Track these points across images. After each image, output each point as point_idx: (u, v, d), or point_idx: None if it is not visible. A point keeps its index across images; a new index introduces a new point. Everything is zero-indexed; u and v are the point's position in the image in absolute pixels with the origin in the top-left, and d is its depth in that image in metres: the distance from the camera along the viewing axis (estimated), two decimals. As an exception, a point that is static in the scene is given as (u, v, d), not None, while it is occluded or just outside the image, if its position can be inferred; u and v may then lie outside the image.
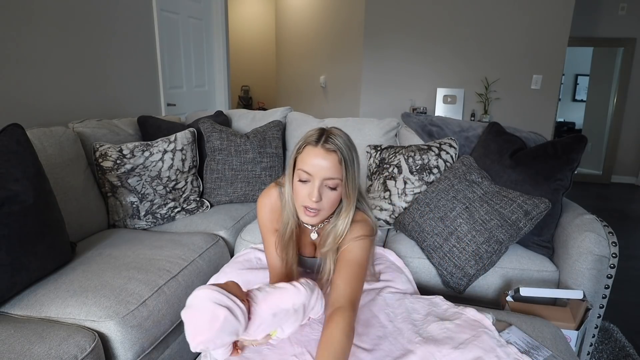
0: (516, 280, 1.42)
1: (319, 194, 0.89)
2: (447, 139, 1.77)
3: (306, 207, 0.92)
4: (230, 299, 0.71)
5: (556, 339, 0.99)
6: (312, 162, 0.89)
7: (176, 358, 1.32)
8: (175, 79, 2.99)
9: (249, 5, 6.34)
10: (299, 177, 0.91)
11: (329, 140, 0.89)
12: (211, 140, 1.93)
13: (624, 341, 1.77)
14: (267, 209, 1.06)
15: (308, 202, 0.90)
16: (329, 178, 0.89)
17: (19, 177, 1.14)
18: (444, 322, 0.98)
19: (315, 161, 0.89)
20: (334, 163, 0.88)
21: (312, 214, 0.92)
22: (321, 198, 0.90)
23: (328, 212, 0.94)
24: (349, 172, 0.90)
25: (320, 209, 0.91)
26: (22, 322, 1.03)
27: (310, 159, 0.89)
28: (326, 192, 0.91)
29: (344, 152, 0.90)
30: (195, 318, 0.70)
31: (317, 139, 0.90)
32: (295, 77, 5.19)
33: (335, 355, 0.78)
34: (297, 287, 0.82)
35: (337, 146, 0.89)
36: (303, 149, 0.92)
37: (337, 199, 0.93)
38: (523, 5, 3.58)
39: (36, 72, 1.81)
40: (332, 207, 0.93)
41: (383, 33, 3.90)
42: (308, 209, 0.91)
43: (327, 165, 0.88)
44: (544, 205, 1.36)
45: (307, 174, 0.89)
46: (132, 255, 1.37)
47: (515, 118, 3.77)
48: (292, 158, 0.95)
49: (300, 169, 0.91)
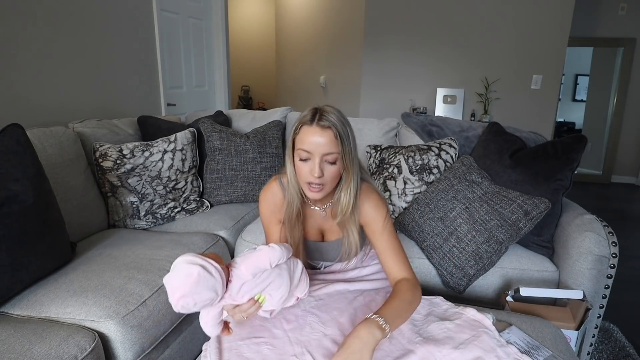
0: (516, 280, 1.42)
1: (320, 170, 0.94)
2: (447, 139, 1.77)
3: (309, 183, 0.97)
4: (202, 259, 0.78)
5: (556, 339, 0.99)
6: (309, 141, 0.94)
7: (176, 358, 1.32)
8: (175, 79, 2.99)
9: (249, 5, 6.34)
10: (299, 157, 0.96)
11: (323, 117, 0.94)
12: (211, 140, 1.93)
13: (624, 341, 1.77)
14: (269, 201, 1.11)
15: (311, 178, 0.95)
16: (327, 153, 0.94)
17: (19, 177, 1.14)
18: (444, 322, 0.98)
19: (312, 139, 0.93)
20: (330, 139, 0.93)
21: (317, 189, 0.97)
22: (323, 173, 0.95)
23: (331, 185, 0.99)
24: (345, 146, 0.95)
25: (323, 183, 0.97)
26: (22, 322, 1.03)
27: (308, 137, 0.94)
28: (327, 167, 0.96)
29: (339, 127, 0.94)
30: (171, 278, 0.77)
31: (311, 118, 0.95)
32: (295, 77, 5.20)
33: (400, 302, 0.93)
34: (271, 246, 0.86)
35: (332, 122, 0.94)
36: (300, 129, 0.97)
37: (337, 173, 0.98)
38: (523, 5, 3.58)
39: (36, 72, 1.81)
40: (333, 180, 0.99)
41: (383, 33, 3.90)
42: (312, 185, 0.97)
43: (324, 142, 0.93)
44: (544, 205, 1.36)
45: (307, 152, 0.94)
46: (132, 255, 1.37)
47: (515, 118, 3.77)
48: (290, 140, 0.99)
49: (300, 149, 0.95)
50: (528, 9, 3.58)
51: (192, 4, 3.11)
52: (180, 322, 1.33)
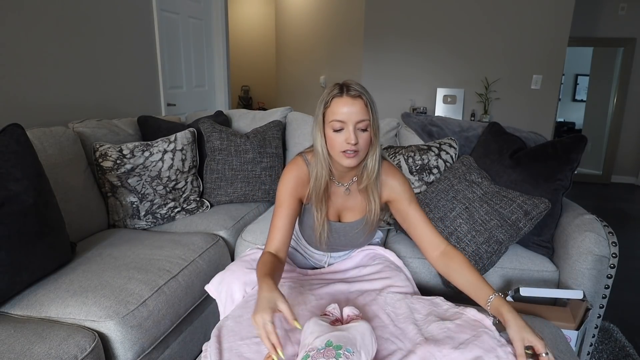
0: (516, 280, 1.42)
1: (356, 137, 0.99)
2: (447, 139, 1.77)
3: (345, 151, 1.00)
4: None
5: (556, 339, 0.99)
6: (342, 111, 0.98)
7: (176, 358, 1.32)
8: (175, 79, 2.99)
9: (249, 5, 6.34)
10: (332, 128, 1.01)
11: (351, 88, 1.00)
12: (211, 140, 1.93)
13: (624, 341, 1.77)
14: (294, 177, 1.11)
15: (347, 146, 0.99)
16: (361, 120, 0.99)
17: (19, 177, 1.14)
18: (445, 322, 0.98)
19: (345, 109, 0.98)
20: (361, 107, 0.99)
21: (352, 155, 1.01)
22: (358, 140, 0.99)
23: (364, 152, 1.04)
24: (373, 112, 1.02)
25: (358, 150, 1.01)
26: (22, 322, 1.03)
27: (340, 108, 0.99)
28: (360, 134, 1.00)
29: (367, 96, 1.00)
30: None
31: (340, 91, 1.00)
32: (295, 77, 5.19)
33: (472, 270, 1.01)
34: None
35: (360, 92, 1.00)
36: (330, 102, 1.01)
37: (369, 139, 1.03)
38: (523, 5, 3.58)
39: (36, 72, 1.81)
40: (366, 147, 1.03)
41: (383, 33, 3.90)
42: (347, 153, 1.00)
43: (357, 110, 0.98)
44: (544, 205, 1.36)
45: (341, 122, 0.99)
46: (132, 255, 1.37)
47: (515, 118, 3.77)
48: (321, 114, 1.03)
49: (333, 120, 1.00)
50: (528, 9, 3.58)
51: (192, 4, 3.11)
52: (180, 322, 1.33)
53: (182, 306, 1.30)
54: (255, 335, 0.93)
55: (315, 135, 1.05)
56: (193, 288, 1.36)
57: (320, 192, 1.09)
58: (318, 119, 1.03)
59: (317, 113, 1.04)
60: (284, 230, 1.08)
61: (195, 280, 1.38)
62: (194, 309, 1.39)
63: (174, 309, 1.26)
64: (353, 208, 1.17)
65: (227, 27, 3.50)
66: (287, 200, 1.10)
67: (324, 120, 1.03)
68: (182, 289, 1.31)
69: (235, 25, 6.23)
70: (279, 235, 1.08)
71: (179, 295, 1.29)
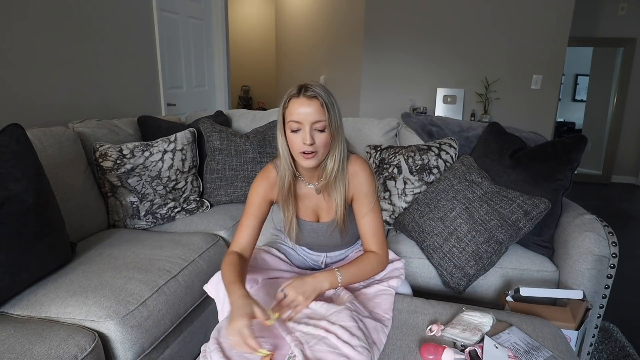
0: (516, 280, 1.42)
1: (311, 137, 1.01)
2: (447, 139, 1.77)
3: (303, 152, 1.02)
4: None
5: (556, 339, 0.99)
6: (298, 111, 1.00)
7: (176, 358, 1.32)
8: (175, 79, 2.99)
9: (249, 5, 6.34)
10: (290, 129, 1.03)
11: (308, 89, 1.01)
12: (211, 140, 1.93)
13: (624, 341, 1.77)
14: (265, 182, 1.15)
15: (303, 147, 1.01)
16: (316, 121, 1.00)
17: (19, 177, 1.14)
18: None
19: (301, 110, 1.00)
20: (317, 107, 1.00)
21: (310, 156, 1.03)
22: (314, 141, 1.01)
23: (323, 153, 1.05)
24: (331, 114, 1.02)
25: (316, 150, 1.03)
26: (22, 322, 1.03)
27: (296, 108, 1.00)
28: (317, 135, 1.02)
29: (324, 96, 1.01)
30: None
31: (297, 91, 1.02)
32: (295, 77, 5.19)
33: (362, 269, 1.10)
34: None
35: (317, 92, 1.00)
36: (288, 102, 1.03)
37: (327, 140, 1.04)
38: (523, 5, 3.58)
39: (36, 72, 1.81)
40: (325, 147, 1.04)
41: (383, 33, 3.90)
42: (305, 154, 1.02)
43: (312, 111, 1.00)
44: (544, 205, 1.36)
45: (297, 122, 1.01)
46: (132, 255, 1.37)
47: (515, 118, 3.77)
48: (280, 115, 1.05)
49: (290, 120, 1.02)
50: (528, 9, 3.58)
51: (192, 4, 3.11)
52: (180, 322, 1.33)
53: (182, 306, 1.30)
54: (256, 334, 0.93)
55: (278, 136, 1.07)
56: (193, 288, 1.36)
57: (285, 190, 1.13)
58: (279, 119, 1.06)
59: (278, 114, 1.06)
60: (251, 228, 1.13)
61: (195, 280, 1.38)
62: (194, 309, 1.39)
63: (174, 309, 1.26)
64: (328, 208, 1.18)
65: (227, 27, 3.50)
66: (256, 202, 1.15)
67: (284, 121, 1.04)
68: (182, 289, 1.31)
69: (235, 25, 6.23)
70: (246, 234, 1.13)
71: (179, 295, 1.29)
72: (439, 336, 0.97)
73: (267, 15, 6.31)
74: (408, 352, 0.91)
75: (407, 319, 1.04)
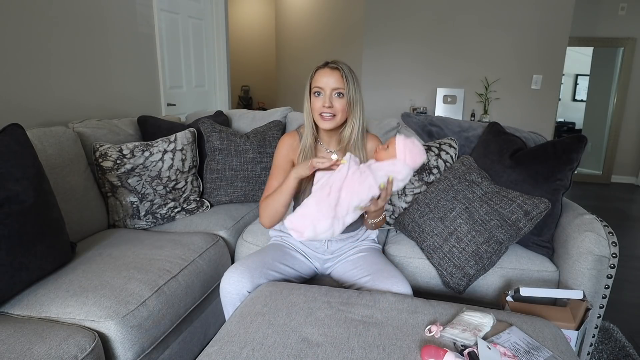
0: (516, 280, 1.42)
1: (330, 100, 1.19)
2: (447, 139, 1.77)
3: (322, 114, 1.21)
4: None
5: (556, 339, 0.99)
6: (321, 79, 1.20)
7: (176, 358, 1.32)
8: (175, 79, 2.99)
9: (249, 5, 6.35)
10: (313, 94, 1.22)
11: (334, 62, 1.22)
12: (211, 140, 1.93)
13: (624, 341, 1.77)
14: (287, 145, 1.33)
15: (322, 109, 1.20)
16: (336, 88, 1.19)
17: (19, 177, 1.14)
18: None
19: (324, 78, 1.20)
20: (337, 77, 1.19)
21: (329, 118, 1.21)
22: (332, 104, 1.20)
23: (340, 118, 1.23)
24: (349, 83, 1.20)
25: (334, 113, 1.21)
26: (22, 322, 1.03)
27: (320, 77, 1.20)
28: (335, 100, 1.20)
29: (345, 69, 1.20)
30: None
31: (324, 64, 1.22)
32: (296, 77, 5.19)
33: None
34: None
35: (339, 65, 1.20)
36: (315, 73, 1.23)
37: (344, 106, 1.21)
38: (523, 5, 3.58)
39: (36, 72, 1.81)
40: (342, 112, 1.22)
41: (383, 33, 3.90)
42: (324, 115, 1.21)
43: (334, 79, 1.19)
44: (544, 205, 1.36)
45: (319, 88, 1.20)
46: (132, 255, 1.37)
47: (515, 118, 3.77)
48: (308, 84, 1.24)
49: (314, 86, 1.21)
50: (528, 9, 3.58)
51: (192, 4, 3.11)
52: (180, 322, 1.33)
53: (182, 306, 1.30)
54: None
55: (304, 104, 1.26)
56: (193, 288, 1.36)
57: (307, 150, 1.29)
58: (306, 88, 1.24)
59: (306, 86, 1.24)
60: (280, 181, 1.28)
61: (195, 280, 1.38)
62: (194, 309, 1.39)
63: (174, 309, 1.26)
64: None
65: (227, 27, 3.50)
66: (282, 163, 1.32)
67: (310, 90, 1.23)
68: (182, 289, 1.31)
69: (235, 25, 6.23)
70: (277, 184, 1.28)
71: (179, 295, 1.29)
72: (438, 337, 0.97)
73: (267, 15, 6.31)
74: (408, 352, 0.91)
75: (407, 319, 1.04)
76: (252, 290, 1.18)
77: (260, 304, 1.07)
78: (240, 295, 1.18)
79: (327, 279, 1.42)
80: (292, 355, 0.88)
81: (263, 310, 1.04)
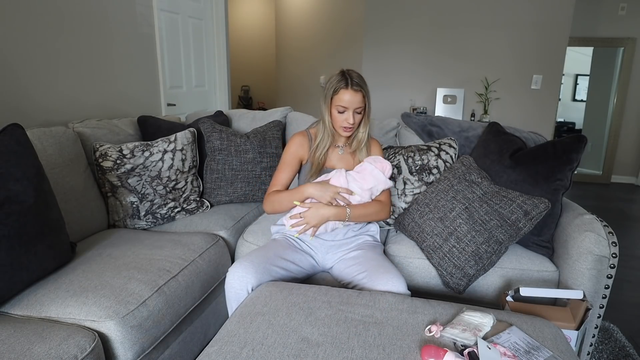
0: (516, 280, 1.42)
1: (354, 119, 1.40)
2: (447, 139, 1.77)
3: (344, 127, 1.41)
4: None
5: (556, 339, 0.99)
6: (346, 100, 1.36)
7: (176, 358, 1.32)
8: (175, 79, 2.99)
9: (249, 5, 6.35)
10: (337, 110, 1.39)
11: (354, 82, 1.36)
12: (211, 140, 1.93)
13: (624, 341, 1.77)
14: (297, 143, 1.51)
15: (346, 124, 1.40)
16: (358, 107, 1.39)
17: (19, 177, 1.14)
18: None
19: (348, 98, 1.36)
20: (360, 98, 1.38)
21: (349, 130, 1.43)
22: (354, 121, 1.40)
23: (357, 127, 1.46)
24: (367, 102, 1.41)
25: (354, 126, 1.43)
26: (22, 322, 1.03)
27: (345, 97, 1.36)
28: (356, 116, 1.41)
29: (365, 89, 1.39)
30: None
31: (346, 84, 1.36)
32: (295, 77, 5.19)
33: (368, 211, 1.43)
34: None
35: (361, 86, 1.37)
36: (339, 90, 1.37)
37: (361, 119, 1.45)
38: (523, 5, 3.58)
39: (36, 72, 1.81)
40: (358, 123, 1.45)
41: (383, 33, 3.90)
42: (345, 128, 1.42)
43: (357, 100, 1.37)
44: (544, 205, 1.36)
45: (344, 107, 1.38)
46: (132, 255, 1.37)
47: (515, 118, 3.77)
48: (329, 97, 1.40)
49: (339, 105, 1.38)
50: (528, 9, 3.58)
51: (192, 4, 3.11)
52: (180, 322, 1.33)
53: (182, 306, 1.30)
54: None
55: (323, 111, 1.43)
56: (193, 288, 1.36)
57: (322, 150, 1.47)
58: (327, 100, 1.41)
59: (325, 95, 1.41)
60: (287, 173, 1.50)
61: (195, 280, 1.38)
62: (194, 309, 1.39)
63: (174, 309, 1.26)
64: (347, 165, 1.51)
65: (227, 27, 3.50)
66: (290, 159, 1.50)
67: (332, 102, 1.40)
68: (182, 289, 1.31)
69: (235, 25, 6.23)
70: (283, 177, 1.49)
71: (179, 295, 1.29)
72: (438, 337, 0.97)
73: (267, 15, 6.31)
74: (408, 352, 0.91)
75: (407, 319, 1.04)
76: (256, 286, 1.21)
77: (260, 304, 1.07)
78: (244, 290, 1.21)
79: (327, 277, 1.42)
80: (292, 355, 0.88)
81: (263, 310, 1.04)
